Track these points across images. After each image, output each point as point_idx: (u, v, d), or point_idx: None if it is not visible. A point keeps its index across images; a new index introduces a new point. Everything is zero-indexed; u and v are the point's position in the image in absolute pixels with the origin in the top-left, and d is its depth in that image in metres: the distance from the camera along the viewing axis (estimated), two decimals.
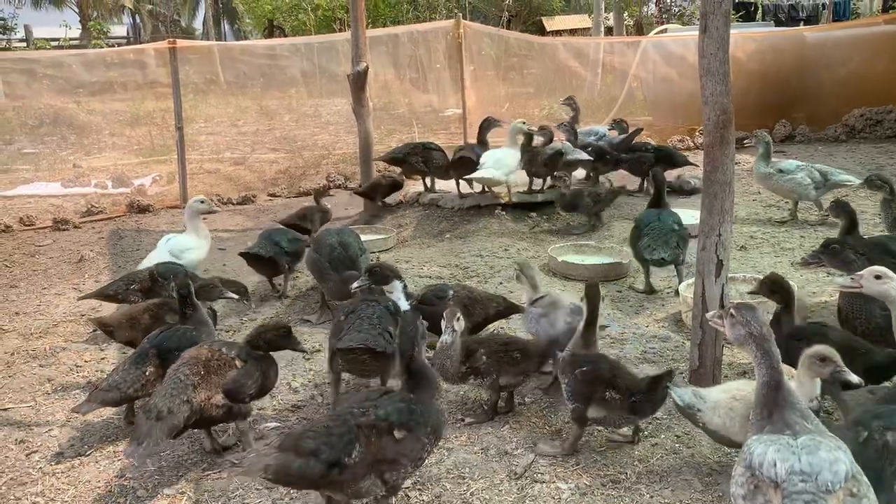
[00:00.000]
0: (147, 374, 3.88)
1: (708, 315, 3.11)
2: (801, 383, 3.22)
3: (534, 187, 8.62)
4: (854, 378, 3.09)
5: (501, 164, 7.99)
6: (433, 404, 3.21)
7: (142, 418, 3.44)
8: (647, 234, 5.91)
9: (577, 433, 3.71)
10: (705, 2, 3.94)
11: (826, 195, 7.79)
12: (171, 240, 6.00)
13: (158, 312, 4.59)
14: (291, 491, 3.52)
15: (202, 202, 6.29)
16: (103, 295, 5.32)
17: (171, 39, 10.34)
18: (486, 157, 8.08)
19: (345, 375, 4.35)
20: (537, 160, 8.15)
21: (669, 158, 9.28)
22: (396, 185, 8.96)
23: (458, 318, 3.92)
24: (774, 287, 4.05)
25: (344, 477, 2.88)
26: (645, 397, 3.55)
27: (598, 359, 3.77)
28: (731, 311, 2.86)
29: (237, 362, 3.69)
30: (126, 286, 5.27)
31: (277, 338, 3.87)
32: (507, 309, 5.00)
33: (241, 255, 6.24)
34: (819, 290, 5.88)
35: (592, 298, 3.87)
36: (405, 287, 4.47)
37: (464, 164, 8.39)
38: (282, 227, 7.01)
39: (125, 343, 4.69)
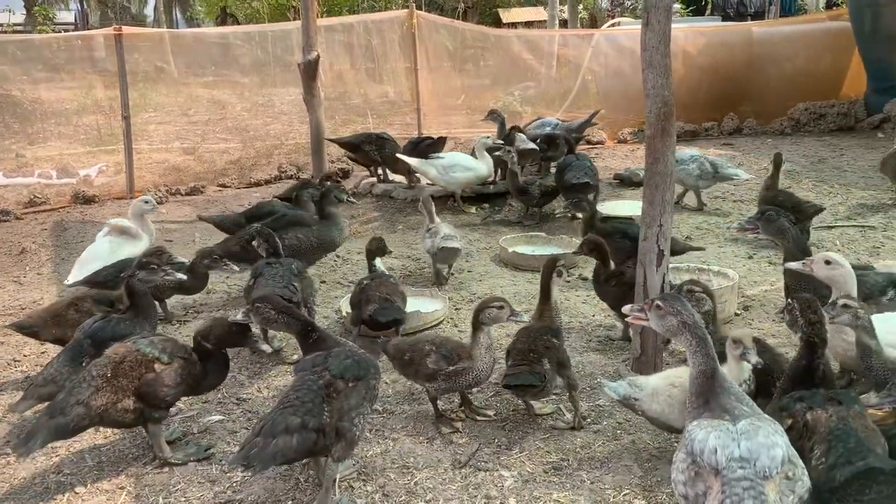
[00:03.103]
0: (84, 364, 3.75)
1: (625, 310, 2.99)
2: (729, 368, 3.30)
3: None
4: (753, 359, 3.18)
5: (447, 172, 8.03)
6: (355, 350, 3.52)
7: (42, 414, 3.36)
8: (572, 168, 7.55)
9: None
10: None
11: (713, 186, 8.26)
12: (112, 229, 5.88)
13: (83, 306, 4.46)
14: (234, 483, 3.50)
15: (146, 202, 6.26)
16: (93, 282, 5.26)
17: (117, 26, 10.08)
18: (448, 157, 8.23)
19: None
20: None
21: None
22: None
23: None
24: (592, 247, 4.94)
25: (326, 441, 3.11)
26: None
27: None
28: (658, 302, 2.82)
29: (157, 365, 3.52)
30: (117, 273, 5.16)
31: (229, 335, 3.70)
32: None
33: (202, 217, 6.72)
34: (761, 279, 6.04)
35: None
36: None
37: (429, 147, 8.48)
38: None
39: (53, 342, 4.52)
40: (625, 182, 9.30)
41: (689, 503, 2.55)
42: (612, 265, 4.99)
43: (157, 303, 5.14)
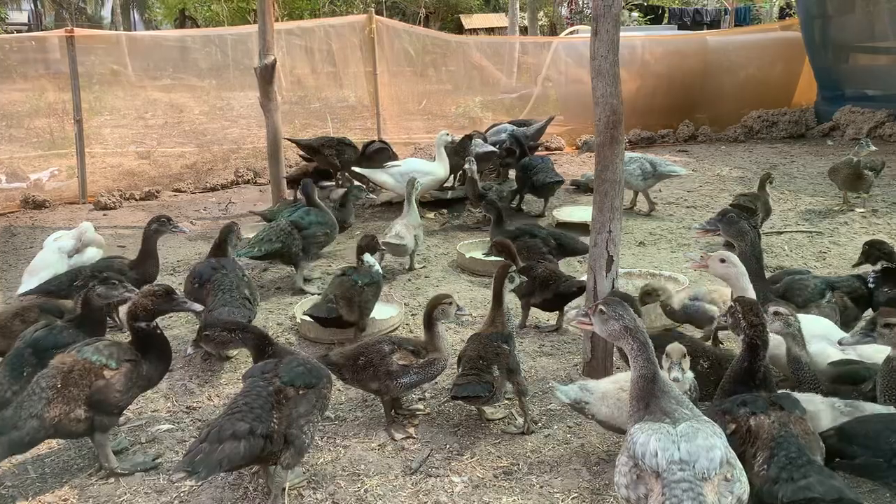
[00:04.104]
0: (25, 375, 3.67)
1: (570, 315, 3.04)
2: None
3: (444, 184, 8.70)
4: (673, 374, 3.19)
5: (404, 178, 8.03)
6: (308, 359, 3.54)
7: None
8: (541, 169, 8.07)
9: None
10: (596, 5, 4.06)
11: (656, 185, 8.49)
12: (59, 238, 5.75)
13: (29, 316, 4.34)
14: (181, 493, 3.46)
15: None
16: (45, 291, 5.10)
17: (69, 28, 9.90)
18: (404, 163, 8.24)
19: None
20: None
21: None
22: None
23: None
24: (500, 248, 5.32)
25: (274, 448, 3.09)
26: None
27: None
28: (601, 307, 2.87)
29: (106, 372, 3.45)
30: (69, 282, 5.06)
31: (155, 302, 3.63)
32: None
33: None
34: (711, 284, 6.14)
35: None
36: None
37: (378, 155, 8.48)
38: None
39: None
40: (581, 188, 9.41)
41: None
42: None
43: (108, 308, 5.07)
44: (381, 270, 5.30)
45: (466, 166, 7.99)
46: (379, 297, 5.23)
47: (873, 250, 4.74)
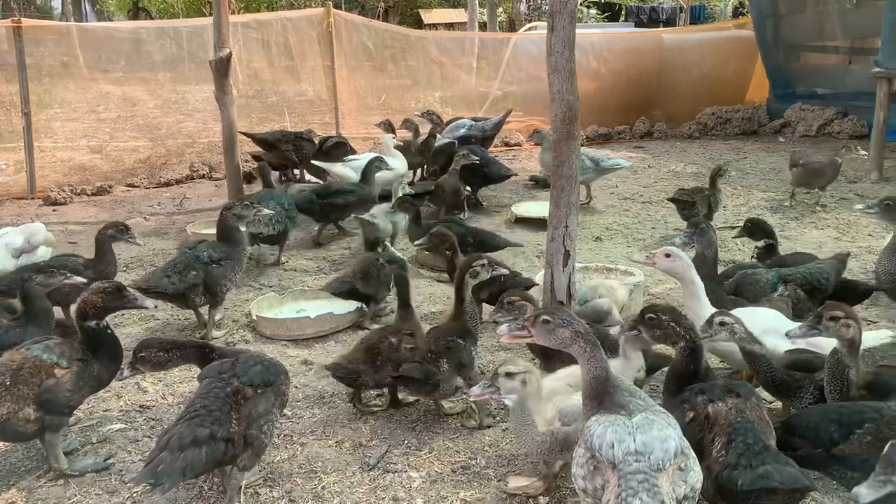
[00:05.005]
0: None
1: (501, 330, 2.90)
2: (627, 357, 3.41)
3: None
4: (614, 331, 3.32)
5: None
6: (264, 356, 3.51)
7: None
8: (492, 162, 8.48)
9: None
10: (552, 1, 4.09)
11: (600, 179, 8.69)
12: (6, 235, 5.59)
13: None
14: (134, 493, 3.40)
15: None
16: None
17: (17, 18, 9.61)
18: (364, 158, 8.24)
19: None
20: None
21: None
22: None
23: None
24: (440, 240, 5.30)
25: (235, 451, 3.06)
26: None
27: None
28: (545, 317, 2.78)
29: (57, 370, 3.37)
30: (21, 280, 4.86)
31: (105, 300, 3.53)
32: None
33: None
34: (665, 278, 6.24)
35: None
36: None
37: (335, 150, 8.48)
38: None
39: None
40: (539, 183, 9.49)
41: (589, 496, 2.61)
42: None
43: (60, 308, 4.95)
44: (404, 257, 5.77)
45: (457, 155, 7.95)
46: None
47: (756, 228, 5.42)
